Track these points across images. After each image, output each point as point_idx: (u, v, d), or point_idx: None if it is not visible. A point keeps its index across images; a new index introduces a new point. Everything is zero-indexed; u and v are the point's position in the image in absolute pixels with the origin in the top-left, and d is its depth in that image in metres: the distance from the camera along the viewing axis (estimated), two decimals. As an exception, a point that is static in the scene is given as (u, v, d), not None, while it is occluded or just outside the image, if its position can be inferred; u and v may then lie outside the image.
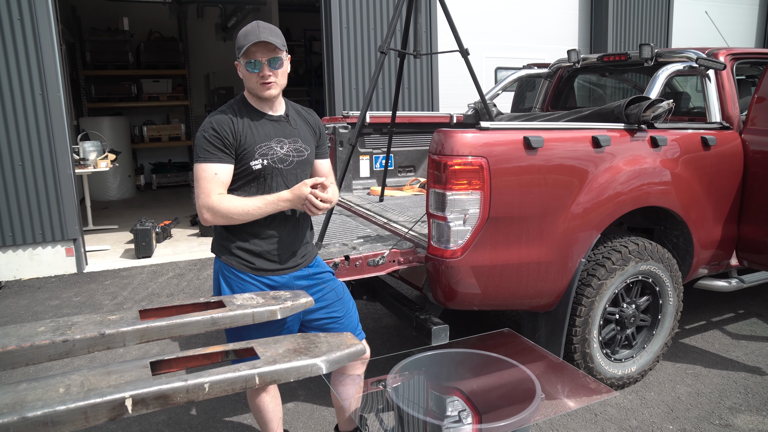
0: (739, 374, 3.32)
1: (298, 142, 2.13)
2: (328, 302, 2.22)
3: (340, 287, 2.28)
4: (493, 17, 7.39)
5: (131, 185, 10.18)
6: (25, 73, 5.05)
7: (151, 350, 3.66)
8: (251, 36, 1.96)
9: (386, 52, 3.00)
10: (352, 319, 2.30)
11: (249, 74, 2.01)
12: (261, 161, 2.02)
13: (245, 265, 2.09)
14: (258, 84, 2.02)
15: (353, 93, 6.43)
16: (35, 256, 5.35)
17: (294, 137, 2.13)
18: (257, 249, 2.08)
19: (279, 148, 2.07)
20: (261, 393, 2.25)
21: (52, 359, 1.57)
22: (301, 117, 2.21)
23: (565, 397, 2.17)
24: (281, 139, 2.09)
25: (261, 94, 2.04)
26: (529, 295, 2.82)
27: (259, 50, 1.98)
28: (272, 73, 2.01)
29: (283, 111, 2.15)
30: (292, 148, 2.11)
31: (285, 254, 2.13)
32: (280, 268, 2.13)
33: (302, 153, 2.14)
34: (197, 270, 5.52)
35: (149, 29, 11.13)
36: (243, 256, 2.08)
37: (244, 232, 2.07)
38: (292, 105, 2.23)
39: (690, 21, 8.51)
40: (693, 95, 4.43)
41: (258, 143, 2.03)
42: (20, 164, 5.13)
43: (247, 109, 2.09)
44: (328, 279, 2.26)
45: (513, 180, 2.63)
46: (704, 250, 3.34)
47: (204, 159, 1.99)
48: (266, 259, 2.10)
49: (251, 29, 1.99)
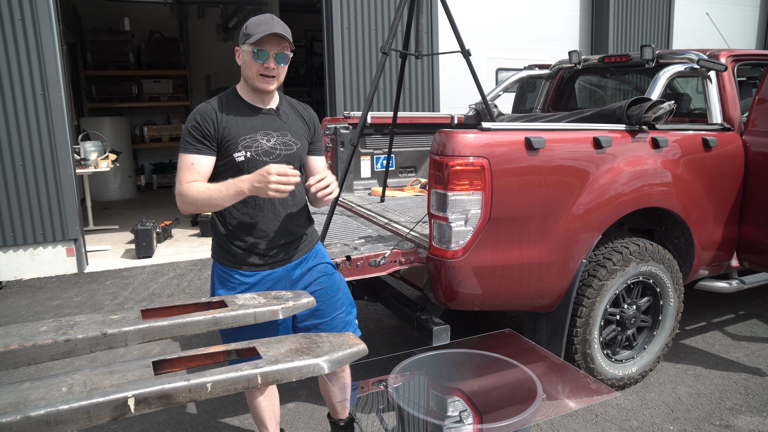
0: (740, 375, 3.32)
1: (287, 136, 2.10)
2: (318, 300, 2.21)
3: (334, 284, 2.25)
4: (494, 18, 7.39)
5: (132, 185, 10.19)
6: (26, 72, 5.06)
7: (152, 350, 3.67)
8: (265, 26, 1.96)
9: (388, 52, 3.00)
10: (338, 323, 2.25)
11: (252, 62, 1.99)
12: (244, 153, 2.01)
13: (231, 261, 2.10)
14: (258, 75, 2.00)
15: (354, 93, 6.44)
16: (36, 256, 5.36)
17: (283, 131, 2.10)
18: (243, 245, 2.08)
19: (265, 140, 2.05)
20: (255, 393, 2.24)
21: (54, 359, 1.57)
22: (294, 111, 2.19)
23: (565, 398, 2.17)
24: (268, 131, 2.07)
25: (258, 85, 2.02)
26: (530, 296, 2.83)
27: (269, 42, 1.97)
28: (276, 68, 2.01)
29: (275, 104, 2.13)
30: (279, 141, 2.08)
31: (272, 248, 2.11)
32: (268, 262, 2.11)
33: (291, 147, 2.11)
34: (198, 270, 5.53)
35: (150, 29, 11.14)
36: (232, 252, 2.10)
37: (232, 228, 2.08)
38: (287, 99, 2.21)
39: (690, 23, 8.52)
40: (693, 97, 4.44)
41: (242, 135, 2.02)
42: (21, 164, 5.14)
43: (236, 100, 2.08)
44: (322, 274, 2.23)
45: (514, 180, 2.63)
46: (705, 251, 3.35)
47: (183, 149, 2.00)
48: (254, 253, 2.09)
49: (265, 20, 1.99)
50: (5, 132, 5.06)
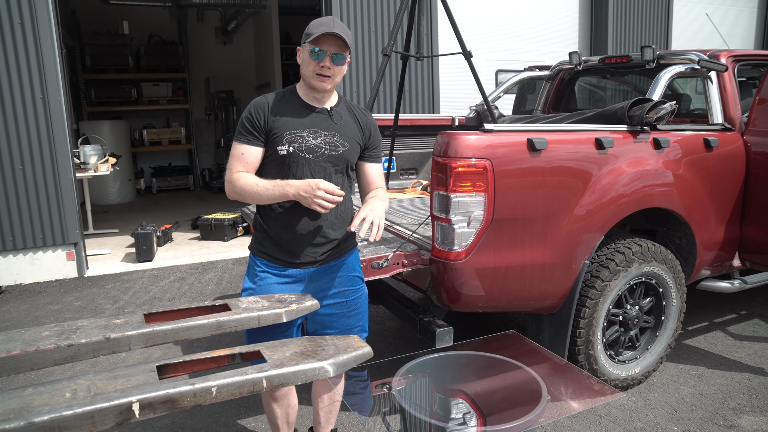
0: (743, 375, 3.32)
1: (335, 137, 2.09)
2: (335, 312, 2.20)
3: (356, 299, 2.23)
4: (493, 20, 7.40)
5: (131, 189, 10.18)
6: (25, 76, 5.05)
7: (153, 354, 3.65)
8: (325, 26, 1.98)
9: (389, 54, 3.00)
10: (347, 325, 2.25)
11: (309, 61, 2.01)
12: (287, 147, 2.02)
13: (261, 251, 2.13)
14: (314, 73, 2.01)
15: (353, 96, 6.44)
16: (36, 261, 5.34)
17: (332, 131, 2.09)
18: (276, 238, 2.10)
19: (311, 138, 2.05)
20: (270, 401, 2.25)
21: (57, 364, 1.56)
22: (351, 114, 2.17)
23: (570, 399, 2.17)
24: (316, 130, 2.07)
25: (313, 83, 2.04)
26: (534, 297, 2.82)
27: (328, 41, 1.98)
28: (332, 67, 2.01)
29: (330, 105, 2.13)
30: (326, 141, 2.07)
31: (302, 247, 2.09)
32: (295, 261, 2.10)
33: (337, 148, 2.09)
34: (199, 274, 5.52)
35: (149, 33, 11.15)
36: (263, 242, 2.13)
37: (269, 221, 2.11)
38: (346, 102, 2.20)
39: (689, 23, 8.53)
40: (693, 97, 4.44)
41: (288, 130, 2.03)
42: (21, 168, 5.13)
43: (292, 97, 2.10)
44: (348, 286, 2.21)
45: (517, 182, 2.63)
46: (707, 252, 3.34)
47: (236, 138, 2.08)
48: (282, 248, 2.09)
49: (326, 21, 2.01)
50: (5, 136, 5.05)
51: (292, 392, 2.31)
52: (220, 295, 4.87)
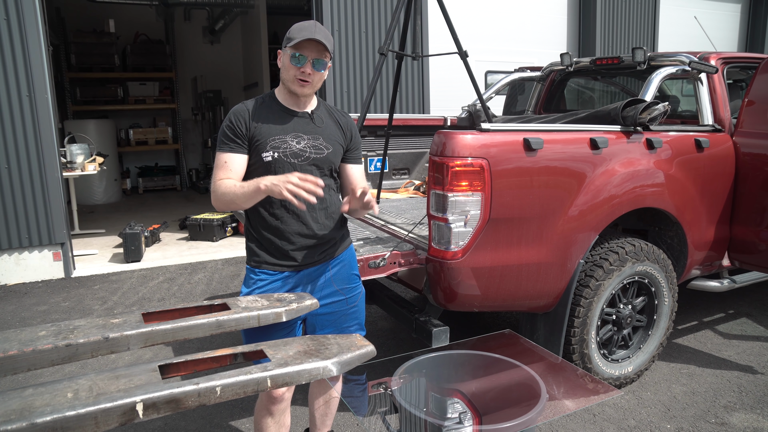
0: (732, 373, 3.36)
1: (318, 140, 2.10)
2: (334, 310, 2.20)
3: (354, 297, 2.23)
4: (483, 21, 7.43)
5: (117, 189, 10.06)
6: (11, 74, 4.97)
7: (144, 356, 3.61)
8: (306, 31, 1.97)
9: (386, 54, 3.00)
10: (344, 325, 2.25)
11: (290, 65, 2.00)
12: (272, 153, 2.02)
13: (256, 261, 2.11)
14: (295, 78, 2.01)
15: (345, 96, 6.42)
16: (21, 261, 5.25)
17: (315, 134, 2.10)
18: (266, 244, 2.09)
19: (295, 142, 2.05)
20: (265, 415, 2.19)
21: (55, 364, 1.53)
22: (331, 117, 2.17)
23: (566, 398, 2.18)
24: (299, 134, 2.07)
25: (294, 88, 2.03)
26: (529, 296, 2.83)
27: (309, 47, 1.98)
28: (312, 73, 2.01)
29: (310, 109, 2.13)
30: (310, 145, 2.08)
31: (296, 251, 2.09)
32: (290, 264, 2.10)
33: (321, 151, 2.10)
34: (188, 274, 5.46)
35: (136, 31, 11.03)
36: (255, 251, 2.12)
37: (258, 227, 2.10)
38: (325, 105, 2.20)
39: (675, 26, 8.65)
40: (680, 99, 4.50)
41: (272, 136, 2.03)
42: (6, 167, 5.04)
43: (272, 102, 2.09)
44: (345, 284, 2.21)
45: (513, 181, 2.64)
46: (698, 251, 3.38)
47: (219, 148, 2.05)
48: (275, 253, 2.09)
49: (308, 25, 2.01)
50: (-10, 134, 4.96)
51: (287, 410, 2.23)
52: (211, 295, 4.82)
